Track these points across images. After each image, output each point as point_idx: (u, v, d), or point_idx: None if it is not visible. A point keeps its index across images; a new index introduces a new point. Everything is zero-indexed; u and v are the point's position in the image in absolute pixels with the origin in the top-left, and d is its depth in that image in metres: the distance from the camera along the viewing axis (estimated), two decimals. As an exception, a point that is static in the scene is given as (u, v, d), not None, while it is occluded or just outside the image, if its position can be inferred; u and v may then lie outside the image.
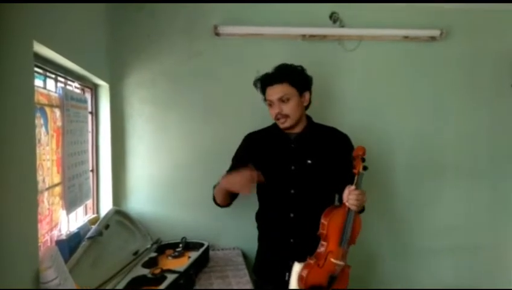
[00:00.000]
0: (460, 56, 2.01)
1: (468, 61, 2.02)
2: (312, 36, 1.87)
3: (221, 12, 1.83)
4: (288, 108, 1.38)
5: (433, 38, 1.94)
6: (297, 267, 1.32)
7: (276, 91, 1.39)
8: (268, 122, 1.91)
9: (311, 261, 1.31)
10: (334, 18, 1.88)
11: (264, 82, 1.44)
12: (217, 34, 1.82)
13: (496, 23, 2.03)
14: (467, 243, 2.06)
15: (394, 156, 2.01)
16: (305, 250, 1.37)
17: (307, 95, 1.44)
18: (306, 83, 1.44)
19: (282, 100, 1.38)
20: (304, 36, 1.86)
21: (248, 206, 1.93)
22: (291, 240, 1.41)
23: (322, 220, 1.31)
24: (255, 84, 1.49)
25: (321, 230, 1.31)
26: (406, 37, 1.92)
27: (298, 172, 1.40)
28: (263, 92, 1.47)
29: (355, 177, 1.28)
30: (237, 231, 1.88)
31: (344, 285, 1.36)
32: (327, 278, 1.30)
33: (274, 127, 1.53)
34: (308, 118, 1.50)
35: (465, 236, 2.07)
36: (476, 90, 2.04)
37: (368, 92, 1.98)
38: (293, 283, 1.32)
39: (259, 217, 1.55)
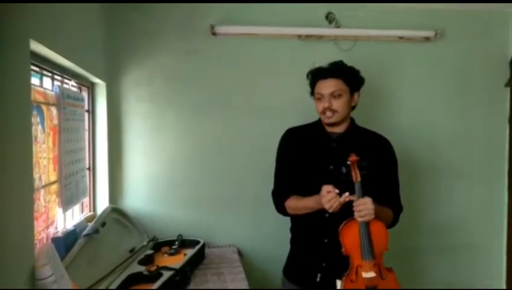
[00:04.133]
0: (455, 56, 2.03)
1: (463, 61, 2.04)
2: (308, 36, 1.88)
3: (218, 11, 1.84)
4: (338, 104, 1.37)
5: (427, 39, 1.96)
6: (338, 285, 1.30)
7: (329, 85, 1.37)
8: (266, 119, 1.93)
9: (345, 277, 1.28)
10: (330, 18, 1.90)
11: (318, 75, 1.42)
12: (214, 34, 1.83)
13: (489, 24, 2.05)
14: (460, 242, 2.08)
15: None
16: (338, 251, 1.33)
17: (356, 95, 1.43)
18: (358, 84, 1.43)
19: (333, 95, 1.37)
20: (299, 36, 1.88)
21: (244, 205, 1.95)
22: (325, 240, 1.37)
23: (339, 239, 1.28)
24: (308, 75, 1.46)
25: (342, 249, 1.29)
26: (401, 38, 1.94)
27: (336, 172, 1.37)
28: (313, 84, 1.44)
29: (355, 187, 1.25)
30: (233, 229, 1.90)
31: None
32: None
33: (316, 123, 1.49)
34: (352, 119, 1.48)
35: (458, 235, 2.09)
36: (470, 90, 2.06)
37: (362, 92, 1.98)
38: None
39: (294, 216, 1.49)
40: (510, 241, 2.10)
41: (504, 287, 2.13)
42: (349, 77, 1.40)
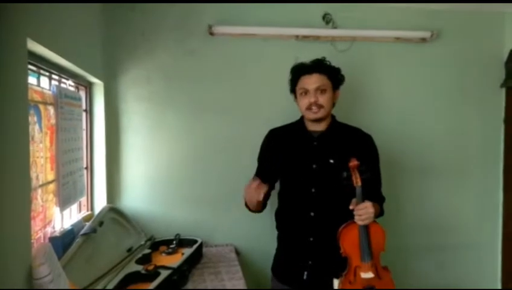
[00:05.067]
0: (451, 57, 2.04)
1: (458, 62, 2.06)
2: (305, 37, 1.89)
3: (215, 11, 1.85)
4: (324, 99, 1.38)
5: (423, 39, 1.97)
6: (335, 284, 1.31)
7: (315, 80, 1.39)
8: (263, 119, 1.94)
9: (343, 278, 1.30)
10: (327, 19, 1.91)
11: (302, 70, 1.43)
12: (211, 34, 1.83)
13: (485, 25, 2.06)
14: (454, 241, 2.10)
15: (383, 155, 2.02)
16: (324, 249, 1.36)
17: (337, 93, 1.46)
18: (339, 82, 1.46)
19: (319, 90, 1.38)
20: (297, 37, 1.89)
21: (242, 204, 1.95)
22: (311, 239, 1.39)
23: (338, 241, 1.30)
24: (291, 71, 1.48)
25: (340, 250, 1.30)
26: (397, 39, 1.96)
27: (320, 171, 1.38)
28: (295, 80, 1.46)
29: (355, 191, 1.27)
30: (230, 228, 1.90)
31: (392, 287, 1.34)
32: None
33: (297, 123, 1.50)
34: (333, 116, 1.49)
35: (454, 235, 2.10)
36: (466, 90, 2.07)
37: (359, 92, 2.00)
38: None
39: (279, 215, 1.51)
40: (505, 241, 2.12)
41: (499, 287, 2.14)
42: (332, 73, 1.42)
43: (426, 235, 2.08)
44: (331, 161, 1.38)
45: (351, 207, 1.27)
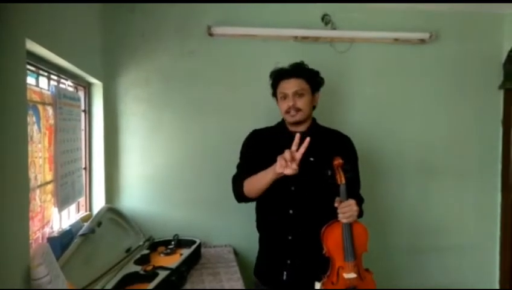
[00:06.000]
0: (449, 58, 2.05)
1: (457, 63, 2.06)
2: (304, 38, 1.89)
3: (215, 12, 1.85)
4: (301, 102, 1.41)
5: (422, 40, 1.98)
6: (317, 287, 1.31)
7: (292, 85, 1.41)
8: (262, 120, 1.94)
9: (325, 280, 1.30)
10: (326, 20, 1.91)
11: (281, 75, 1.46)
12: (211, 35, 1.84)
13: (484, 26, 2.07)
14: (454, 242, 2.10)
15: (382, 156, 2.04)
16: (303, 248, 1.36)
17: (317, 96, 1.48)
18: (319, 85, 1.48)
19: (297, 94, 1.41)
20: (296, 38, 1.89)
21: (240, 205, 1.95)
22: (290, 237, 1.40)
23: (322, 241, 1.31)
24: (271, 75, 1.51)
25: (323, 251, 1.31)
26: (396, 40, 1.96)
27: (300, 169, 1.37)
28: (275, 85, 1.48)
29: (339, 189, 1.28)
30: (229, 229, 1.90)
31: None
32: None
33: (279, 125, 1.53)
34: (313, 119, 1.52)
35: (452, 236, 2.11)
36: (465, 91, 2.08)
37: (358, 94, 2.01)
38: None
39: (258, 214, 1.52)
40: (504, 242, 2.13)
41: (497, 288, 2.15)
42: (310, 77, 1.44)
43: (424, 236, 2.09)
44: (311, 159, 1.39)
45: (335, 205, 1.28)
